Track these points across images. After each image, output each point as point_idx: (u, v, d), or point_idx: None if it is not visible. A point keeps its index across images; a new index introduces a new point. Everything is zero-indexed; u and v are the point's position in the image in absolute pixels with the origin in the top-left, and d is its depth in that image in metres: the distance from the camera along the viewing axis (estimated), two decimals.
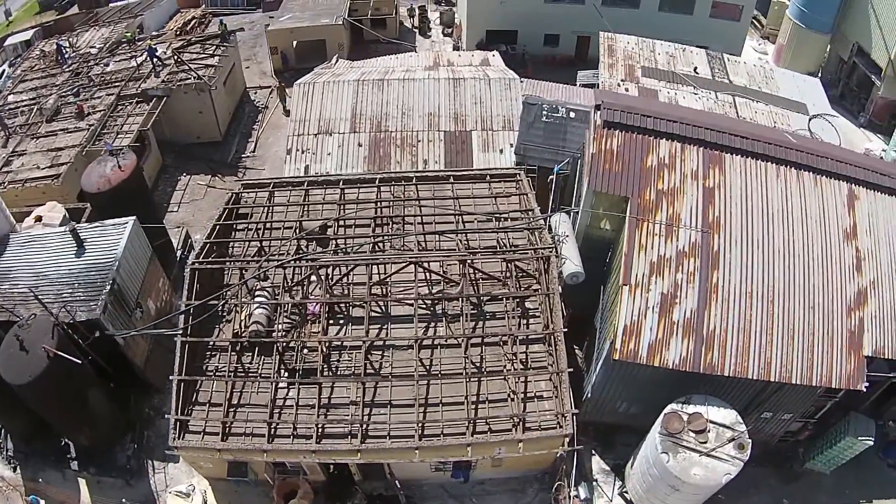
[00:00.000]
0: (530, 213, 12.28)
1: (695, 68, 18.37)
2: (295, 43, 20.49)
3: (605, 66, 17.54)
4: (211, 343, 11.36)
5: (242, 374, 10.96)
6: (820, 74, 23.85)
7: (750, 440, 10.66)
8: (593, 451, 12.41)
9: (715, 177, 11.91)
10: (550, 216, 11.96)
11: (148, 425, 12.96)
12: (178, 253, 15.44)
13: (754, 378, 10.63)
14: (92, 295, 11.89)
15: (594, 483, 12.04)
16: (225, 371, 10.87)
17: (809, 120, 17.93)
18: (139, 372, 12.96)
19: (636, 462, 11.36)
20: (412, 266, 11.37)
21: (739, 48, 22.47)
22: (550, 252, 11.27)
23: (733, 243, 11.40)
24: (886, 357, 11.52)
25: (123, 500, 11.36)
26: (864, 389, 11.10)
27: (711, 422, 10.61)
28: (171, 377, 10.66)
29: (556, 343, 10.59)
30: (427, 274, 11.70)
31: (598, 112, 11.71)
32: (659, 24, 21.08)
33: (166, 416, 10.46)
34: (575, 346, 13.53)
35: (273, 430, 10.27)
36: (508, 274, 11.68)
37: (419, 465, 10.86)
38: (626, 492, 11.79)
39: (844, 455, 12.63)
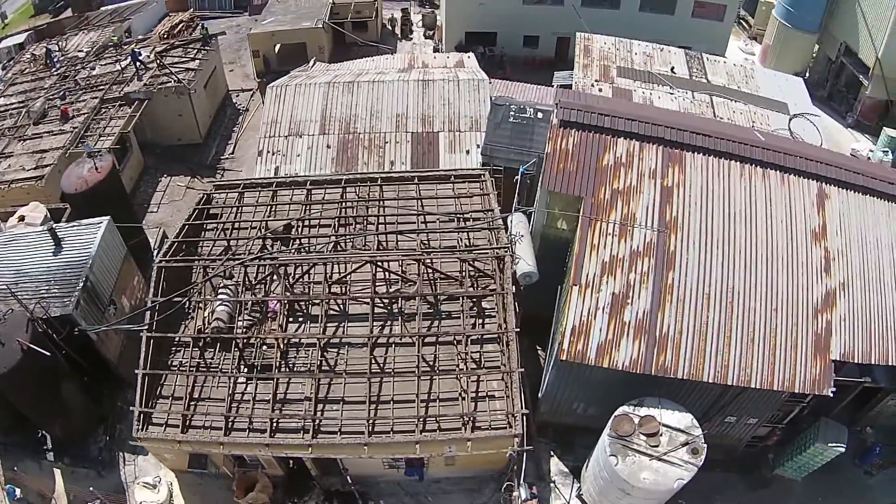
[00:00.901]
0: (490, 213, 12.40)
1: (672, 68, 18.29)
2: (278, 46, 20.84)
3: (580, 66, 17.54)
4: (176, 339, 11.69)
5: (204, 369, 11.24)
6: (807, 75, 23.57)
7: (705, 445, 10.39)
8: (552, 453, 12.37)
9: (674, 175, 11.73)
10: (507, 216, 11.99)
11: (120, 418, 13.31)
12: (154, 252, 15.83)
13: (710, 381, 10.42)
14: (66, 291, 12.31)
15: (552, 484, 11.99)
16: (187, 366, 11.18)
17: (790, 119, 17.77)
18: (112, 367, 13.34)
19: (590, 465, 11.31)
20: (370, 266, 11.58)
21: (723, 48, 22.26)
22: (505, 252, 11.36)
23: (691, 243, 11.19)
24: (856, 361, 11.27)
25: (91, 487, 11.68)
26: (831, 395, 10.85)
27: (665, 425, 10.37)
28: (135, 371, 11.00)
29: (507, 343, 10.69)
30: (386, 273, 11.89)
31: (555, 112, 11.75)
32: (640, 24, 20.98)
33: (131, 408, 10.79)
34: (538, 347, 13.60)
35: (230, 423, 10.52)
36: (466, 274, 11.82)
37: (372, 462, 11.03)
38: (583, 494, 11.74)
39: (815, 461, 12.36)
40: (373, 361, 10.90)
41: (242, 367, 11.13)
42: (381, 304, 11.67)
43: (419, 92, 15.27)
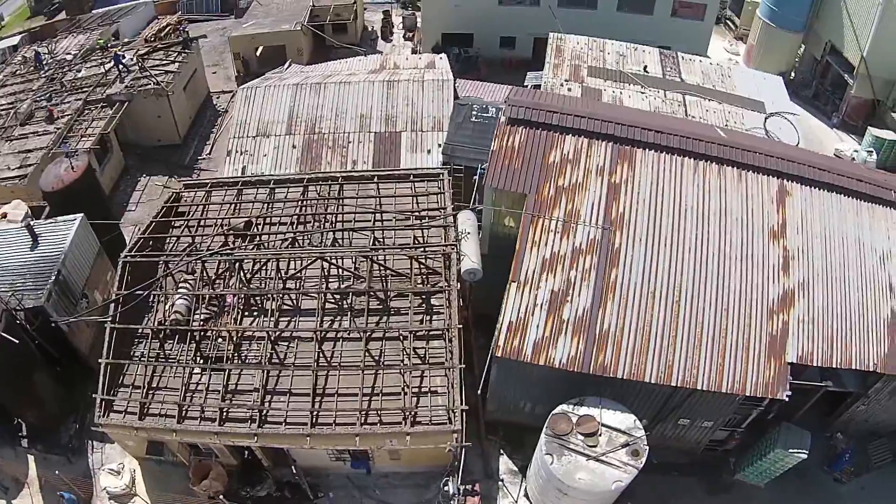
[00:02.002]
0: (443, 211, 12.66)
1: (644, 67, 18.35)
2: (260, 49, 21.40)
3: (551, 66, 17.70)
4: (139, 330, 12.21)
5: (163, 360, 11.71)
6: (793, 75, 23.34)
7: (647, 447, 10.20)
8: (501, 451, 12.44)
9: (623, 172, 11.67)
10: (456, 214, 12.23)
11: (90, 407, 13.75)
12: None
13: (652, 382, 10.31)
14: (39, 284, 12.95)
15: (500, 483, 12.06)
16: (147, 356, 11.67)
17: (766, 118, 17.67)
18: (83, 358, 13.93)
19: (531, 464, 11.36)
20: (322, 262, 11.94)
21: (704, 48, 22.18)
22: (451, 249, 11.61)
23: (637, 240, 11.08)
24: (815, 365, 11.01)
25: (57, 471, 12.22)
26: (786, 399, 10.64)
27: (605, 425, 10.20)
28: (99, 360, 11.54)
29: (450, 339, 10.94)
30: (339, 270, 12.24)
31: (503, 109, 11.90)
32: (618, 25, 21.04)
33: (93, 395, 11.31)
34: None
35: (184, 412, 10.97)
36: (416, 271, 12.10)
37: (319, 454, 11.37)
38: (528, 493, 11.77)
39: (776, 467, 12.09)
40: (320, 355, 11.25)
41: (198, 358, 11.58)
42: (332, 300, 12.02)
43: (384, 92, 15.62)
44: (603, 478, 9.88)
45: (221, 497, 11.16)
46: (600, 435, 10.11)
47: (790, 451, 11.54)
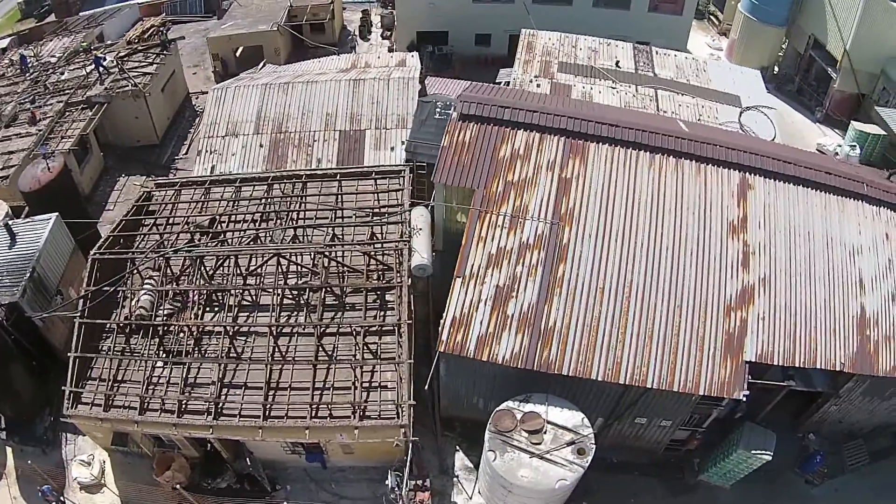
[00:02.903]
0: (400, 207, 12.94)
1: (617, 62, 18.42)
2: (241, 49, 21.84)
3: (521, 62, 17.86)
4: (106, 325, 12.69)
5: (128, 354, 12.18)
6: (776, 69, 23.18)
7: (593, 445, 10.08)
8: (458, 448, 12.57)
9: (574, 167, 11.60)
10: (410, 210, 12.48)
11: (63, 400, 14.45)
12: None
13: (599, 379, 10.20)
14: (15, 281, 13.49)
15: (455, 479, 12.17)
16: (113, 350, 12.14)
17: (741, 112, 17.60)
18: (58, 352, 14.48)
19: (481, 460, 11.35)
20: (279, 259, 12.30)
21: (684, 43, 22.14)
22: (402, 245, 11.88)
23: (586, 235, 11.01)
24: (775, 364, 10.74)
25: (29, 461, 12.76)
26: (744, 399, 10.43)
27: (551, 423, 10.09)
28: (68, 354, 12.04)
29: (400, 334, 11.21)
30: (297, 267, 12.59)
31: (455, 105, 12.04)
32: (595, 20, 21.12)
33: (63, 387, 11.81)
34: None
35: (146, 404, 11.42)
36: (372, 267, 12.40)
37: (275, 447, 11.72)
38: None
39: (740, 469, 11.89)
40: (275, 350, 11.61)
41: (161, 352, 12.02)
42: (290, 296, 12.37)
43: (349, 91, 15.93)
44: (546, 476, 9.76)
45: (180, 488, 11.57)
46: (545, 432, 9.99)
47: (753, 452, 11.31)
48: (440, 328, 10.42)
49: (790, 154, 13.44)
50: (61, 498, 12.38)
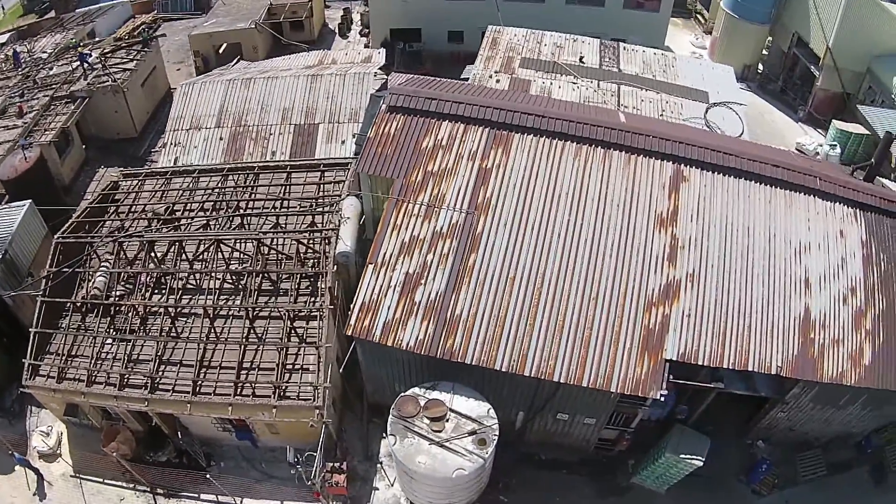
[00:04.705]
0: (337, 197, 13.95)
1: (581, 58, 18.97)
2: (224, 46, 23.37)
3: (483, 58, 18.64)
4: (66, 304, 14.12)
5: (82, 330, 13.55)
6: (760, 68, 23.19)
7: (495, 438, 10.08)
8: (384, 434, 12.77)
9: (496, 157, 11.88)
10: (342, 200, 13.43)
11: None
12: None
13: (503, 370, 10.29)
14: None
15: (379, 465, 12.83)
16: (68, 327, 13.53)
17: (708, 108, 17.81)
18: (26, 329, 16.04)
19: None
20: (222, 245, 13.47)
21: (661, 40, 22.48)
22: (331, 233, 12.85)
23: (501, 225, 11.19)
24: (701, 363, 10.60)
25: None
26: (661, 398, 10.38)
27: (455, 411, 10.22)
28: (29, 329, 13.50)
29: (321, 318, 12.16)
30: (239, 253, 13.74)
31: (384, 98, 12.78)
32: (570, 18, 21.73)
33: (23, 360, 13.25)
34: None
35: (92, 377, 12.73)
36: (310, 255, 13.42)
37: (207, 423, 12.83)
38: None
39: (671, 473, 11.86)
40: (210, 330, 12.75)
41: (111, 329, 13.33)
42: (230, 281, 13.51)
43: (307, 86, 17.10)
44: (444, 464, 9.83)
45: (123, 459, 12.78)
46: (447, 420, 10.15)
47: (682, 456, 11.23)
48: (349, 313, 10.89)
49: (733, 146, 13.27)
50: (32, 465, 13.77)
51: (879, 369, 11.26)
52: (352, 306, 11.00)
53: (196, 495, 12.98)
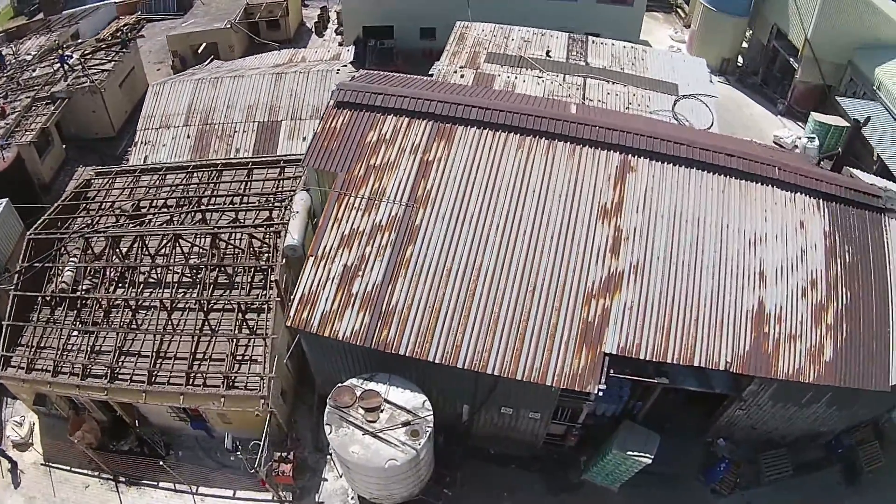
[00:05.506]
0: (290, 193, 14.53)
1: (547, 52, 19.23)
2: (203, 46, 24.13)
3: (449, 54, 19.01)
4: (37, 298, 14.94)
5: (51, 323, 14.35)
6: (740, 61, 23.16)
7: (429, 429, 10.15)
8: None
9: (438, 150, 12.03)
10: (294, 195, 13.98)
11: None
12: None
13: (437, 362, 10.33)
14: None
15: (328, 456, 13.22)
16: (38, 320, 14.33)
17: (676, 101, 17.92)
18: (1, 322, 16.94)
19: None
20: (180, 240, 14.16)
21: (636, 35, 22.60)
22: (281, 227, 13.42)
23: (439, 218, 11.30)
24: (643, 358, 10.50)
25: None
26: (599, 393, 10.29)
27: (389, 402, 10.35)
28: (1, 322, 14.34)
29: (268, 310, 12.75)
30: (198, 248, 14.40)
31: (332, 94, 12.97)
32: (543, 13, 22.00)
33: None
34: None
35: (58, 368, 13.51)
36: (265, 249, 14.02)
37: (163, 413, 13.50)
38: None
39: (620, 470, 11.81)
40: (168, 322, 13.42)
41: (77, 322, 14.09)
42: (188, 275, 14.17)
43: (271, 84, 17.71)
44: (377, 454, 9.99)
45: (88, 447, 13.51)
46: (382, 411, 10.31)
47: (628, 453, 11.15)
48: (289, 305, 11.31)
49: (685, 135, 13.21)
50: (6, 454, 14.62)
51: (841, 366, 11.05)
52: (291, 298, 11.42)
53: (155, 483, 13.67)
